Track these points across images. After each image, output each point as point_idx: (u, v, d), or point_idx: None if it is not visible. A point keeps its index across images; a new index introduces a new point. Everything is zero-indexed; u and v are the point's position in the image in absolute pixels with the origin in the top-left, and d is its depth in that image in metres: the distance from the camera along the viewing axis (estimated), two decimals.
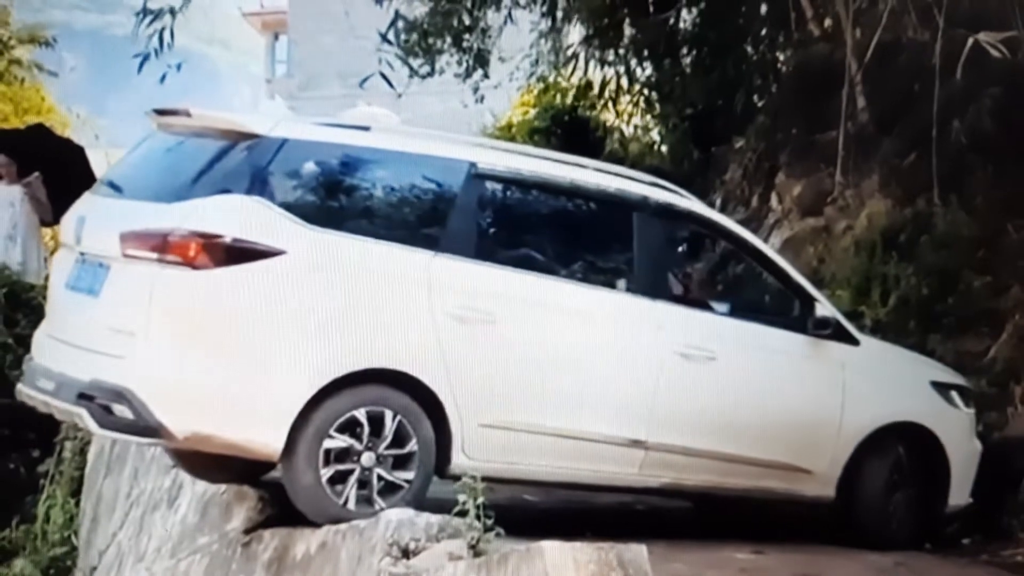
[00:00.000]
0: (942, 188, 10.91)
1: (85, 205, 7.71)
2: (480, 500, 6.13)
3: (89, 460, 10.34)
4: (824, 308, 8.26)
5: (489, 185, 7.60)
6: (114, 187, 7.66)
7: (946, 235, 10.82)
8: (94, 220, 7.46)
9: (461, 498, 6.18)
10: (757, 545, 7.94)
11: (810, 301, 8.25)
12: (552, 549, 5.56)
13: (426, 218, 7.46)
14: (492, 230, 7.72)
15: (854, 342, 8.37)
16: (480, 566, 5.85)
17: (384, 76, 14.39)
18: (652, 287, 7.80)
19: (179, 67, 14.33)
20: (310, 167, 7.32)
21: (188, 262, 6.84)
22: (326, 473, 6.94)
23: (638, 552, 5.68)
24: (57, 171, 14.28)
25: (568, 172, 7.86)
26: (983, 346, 10.21)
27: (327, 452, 6.94)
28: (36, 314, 12.06)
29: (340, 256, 7.08)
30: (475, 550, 6.09)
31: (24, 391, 7.57)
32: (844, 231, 11.73)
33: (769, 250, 8.65)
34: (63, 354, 7.30)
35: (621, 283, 7.82)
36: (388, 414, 7.03)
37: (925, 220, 11.05)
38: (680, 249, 9.00)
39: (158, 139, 7.71)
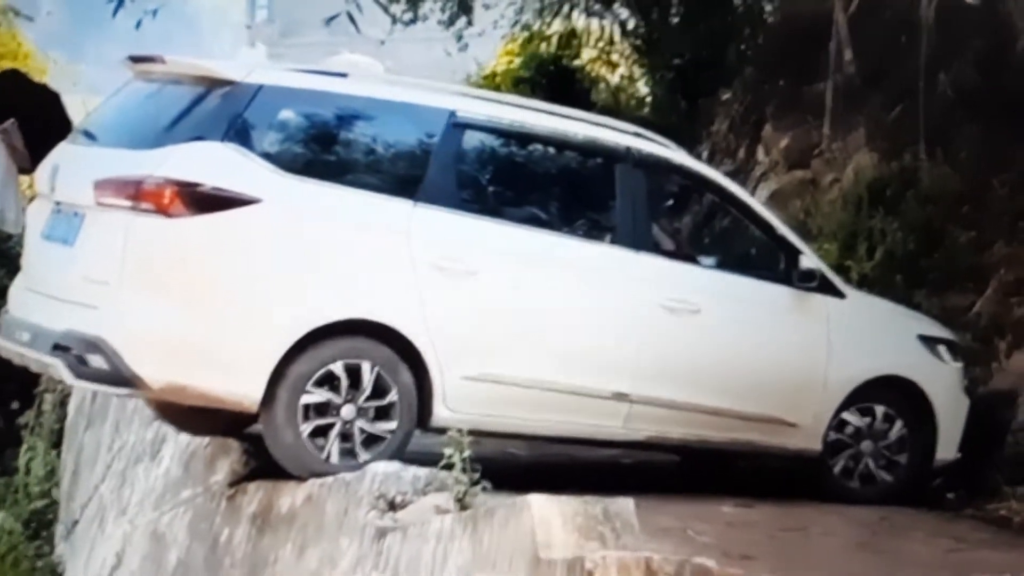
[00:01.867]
0: (928, 142, 10.94)
1: (60, 154, 7.69)
2: (466, 453, 6.18)
3: (70, 412, 10.34)
4: (809, 260, 8.29)
5: (469, 134, 7.59)
6: (89, 135, 7.65)
7: (932, 190, 10.86)
8: (68, 168, 7.44)
9: (447, 451, 6.23)
10: (744, 499, 8.02)
11: (795, 253, 8.28)
12: (539, 502, 5.63)
13: (406, 167, 7.44)
14: (473, 180, 7.72)
15: (840, 295, 8.42)
16: (467, 520, 5.92)
17: (351, 17, 14.20)
18: (635, 239, 7.81)
19: (155, 13, 14.19)
20: (286, 114, 7.30)
21: (162, 210, 6.84)
22: (306, 428, 6.96)
23: (624, 505, 5.76)
24: (33, 118, 14.16)
25: (550, 121, 7.85)
26: (968, 301, 10.28)
27: (306, 407, 6.96)
28: (13, 264, 11.99)
29: (317, 205, 7.08)
30: (461, 503, 6.14)
31: (0, 343, 7.57)
32: (831, 184, 11.76)
33: (754, 201, 8.67)
34: (38, 305, 7.31)
35: (604, 235, 7.84)
36: (366, 365, 7.04)
37: (911, 174, 11.09)
38: (665, 201, 9.01)
39: (135, 87, 7.68)
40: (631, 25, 15.17)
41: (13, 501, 10.15)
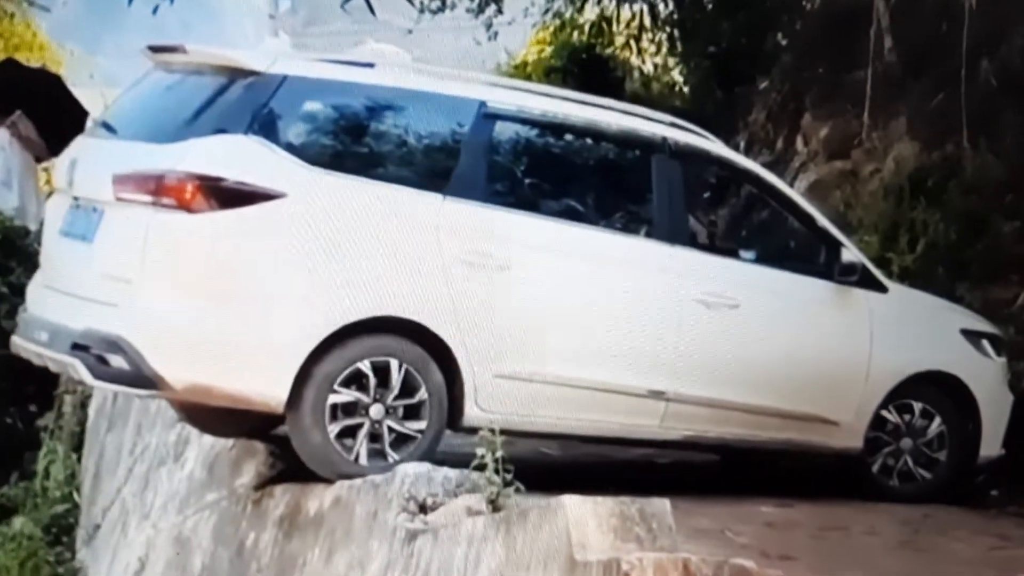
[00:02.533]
0: (971, 131, 10.93)
1: (78, 147, 7.71)
2: (499, 454, 6.20)
3: (90, 414, 10.40)
4: (851, 254, 8.29)
5: (501, 125, 7.60)
6: (108, 128, 7.66)
7: (975, 179, 10.85)
8: (86, 163, 7.46)
9: (479, 452, 6.23)
10: (784, 499, 8.05)
11: (836, 247, 8.28)
12: (573, 503, 5.64)
13: (435, 160, 7.46)
14: (504, 172, 7.73)
15: (882, 289, 8.42)
16: (499, 521, 5.93)
17: (368, 3, 14.19)
18: (671, 232, 7.82)
19: (172, 0, 14.27)
20: (312, 105, 7.31)
21: (184, 205, 6.85)
22: (334, 429, 6.99)
23: (661, 506, 5.77)
24: (39, 105, 14.18)
25: (584, 112, 7.86)
26: (1011, 293, 10.27)
27: (334, 407, 6.98)
28: (32, 261, 12.09)
29: (343, 199, 7.08)
30: (494, 505, 6.15)
31: (18, 343, 7.62)
32: (871, 175, 11.74)
33: (794, 193, 8.66)
34: (57, 303, 7.33)
35: (639, 228, 7.85)
36: (394, 364, 7.06)
37: (953, 164, 11.08)
38: (703, 193, 9.02)
39: (155, 78, 7.69)
40: (664, 12, 15.16)
41: (33, 506, 10.21)
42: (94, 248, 7.14)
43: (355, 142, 7.40)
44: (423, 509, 6.55)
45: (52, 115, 14.08)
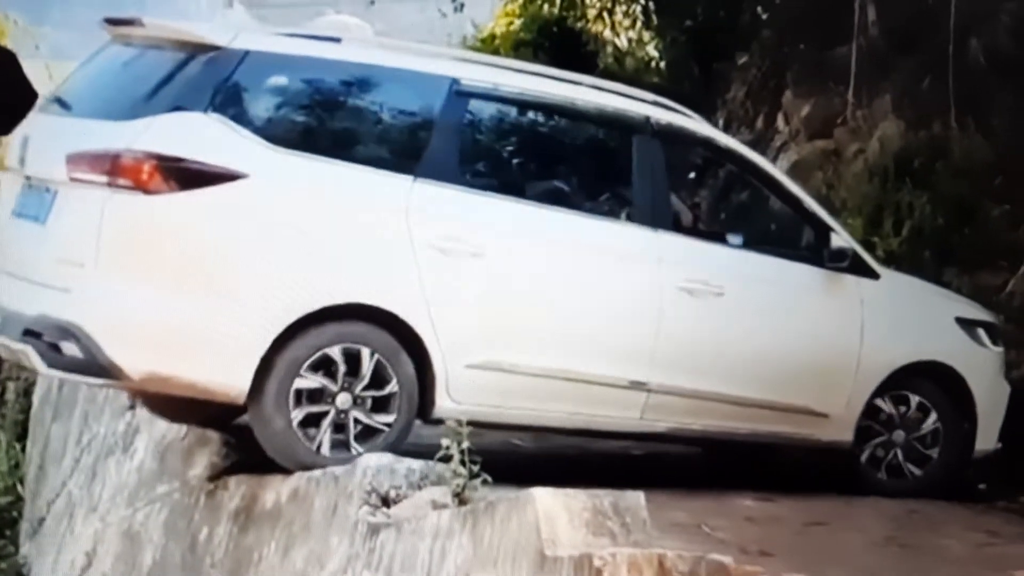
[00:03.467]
0: (959, 111, 10.97)
1: (30, 124, 7.67)
2: (465, 445, 6.19)
3: (34, 403, 10.35)
4: (841, 239, 8.30)
5: (473, 104, 7.57)
6: (62, 104, 7.61)
7: (963, 161, 10.91)
8: (39, 140, 7.41)
9: (445, 443, 6.24)
10: (765, 493, 8.06)
11: (826, 231, 8.29)
12: (543, 496, 5.64)
13: (404, 140, 7.44)
14: (478, 153, 7.71)
15: (874, 275, 8.43)
16: (466, 515, 5.94)
17: None
18: (653, 216, 7.81)
19: None
20: (275, 82, 7.29)
21: (141, 186, 6.83)
22: (297, 415, 6.96)
23: (635, 499, 5.78)
24: None
25: (562, 89, 7.83)
26: (1000, 280, 10.35)
27: (298, 392, 6.97)
28: None
29: (308, 180, 7.06)
30: (460, 498, 6.17)
31: None
32: (855, 155, 11.78)
33: (782, 175, 8.66)
34: (9, 288, 7.29)
35: (620, 212, 7.83)
36: (365, 352, 7.04)
37: (941, 145, 11.13)
38: (686, 175, 9.02)
39: (114, 52, 7.65)
40: None
41: None
42: (47, 230, 7.10)
43: (321, 121, 7.38)
44: (386, 502, 6.55)
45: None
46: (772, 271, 8.14)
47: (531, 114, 7.89)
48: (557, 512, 5.62)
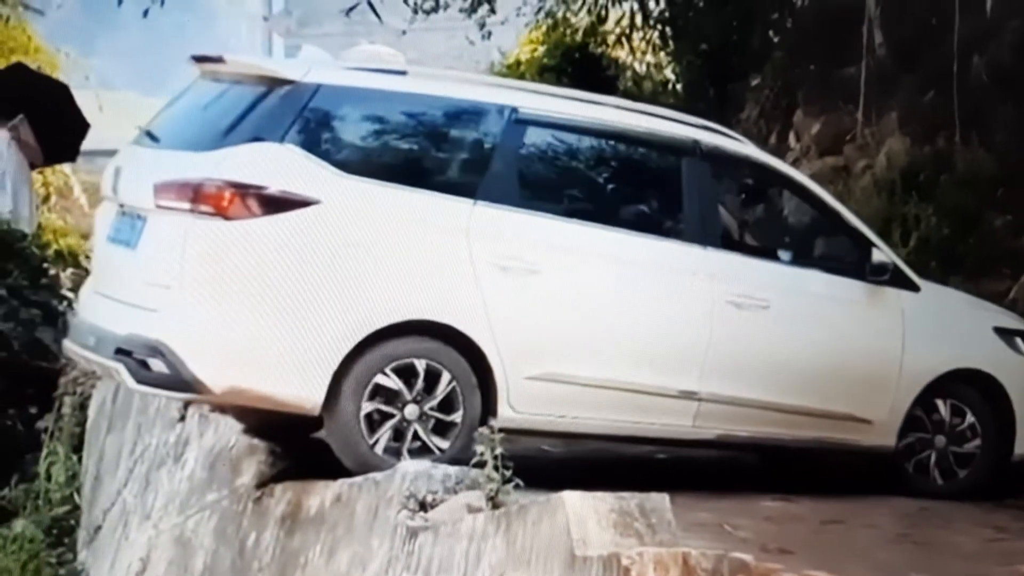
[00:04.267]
0: (962, 126, 10.96)
1: (123, 156, 7.85)
2: (498, 451, 6.21)
3: (90, 415, 10.38)
4: (882, 253, 8.30)
5: (531, 131, 7.64)
6: (152, 137, 7.78)
7: (966, 174, 10.91)
8: (130, 171, 7.60)
9: (479, 449, 6.27)
10: (783, 494, 8.05)
11: (867, 246, 8.29)
12: (573, 499, 5.64)
13: (466, 165, 7.53)
14: (535, 177, 7.78)
15: (914, 288, 8.42)
16: (499, 518, 5.94)
17: (371, 5, 14.24)
18: (702, 234, 7.85)
19: (163, 2, 14.25)
20: (345, 113, 7.41)
21: (221, 212, 6.98)
22: (367, 408, 7.05)
23: (660, 501, 5.78)
24: (42, 111, 14.21)
25: (613, 115, 7.89)
26: (1004, 286, 10.31)
27: (376, 388, 7.07)
28: (28, 264, 12.12)
29: (376, 205, 7.18)
30: (494, 502, 6.16)
31: (68, 347, 7.81)
32: (863, 170, 11.79)
33: (825, 193, 8.62)
34: (104, 308, 7.47)
35: (670, 231, 7.87)
36: (445, 376, 7.15)
37: (945, 159, 11.13)
38: (733, 195, 9.01)
39: (201, 87, 7.81)
40: (656, 10, 15.17)
41: (34, 508, 10.18)
42: (137, 254, 7.26)
43: (387, 149, 7.48)
44: (423, 506, 6.56)
45: (53, 123, 14.10)
46: (816, 285, 8.15)
47: (585, 139, 7.91)
48: (586, 514, 5.62)
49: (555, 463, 8.53)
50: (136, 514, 8.76)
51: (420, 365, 7.12)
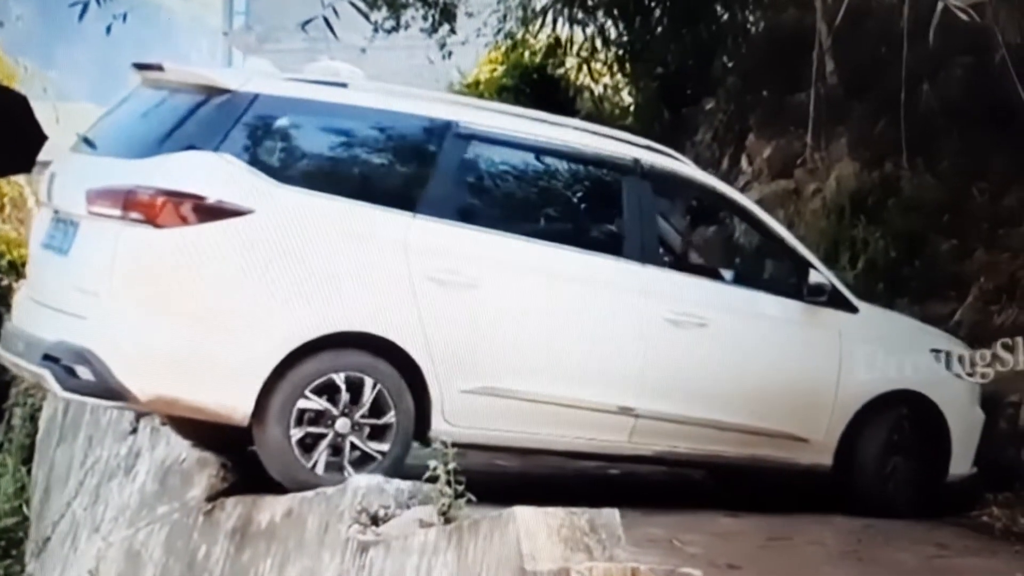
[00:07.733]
0: (910, 152, 11.03)
1: (59, 162, 7.78)
2: (451, 465, 6.18)
3: (40, 427, 10.33)
4: (820, 274, 8.32)
5: (472, 145, 7.60)
6: (89, 143, 7.69)
7: (913, 199, 10.97)
8: (65, 177, 7.53)
9: (431, 463, 6.23)
10: (732, 510, 8.06)
11: (805, 267, 8.31)
12: (524, 514, 5.61)
13: (405, 179, 7.48)
14: (475, 192, 7.75)
15: (852, 309, 8.43)
16: (451, 532, 5.91)
17: (328, 22, 14.19)
18: (641, 252, 7.83)
19: (124, 17, 14.12)
20: (283, 123, 7.34)
21: (151, 220, 6.88)
22: (297, 434, 6.97)
23: (610, 516, 5.76)
24: None
25: (555, 132, 7.87)
26: (949, 309, 10.36)
27: (300, 413, 6.97)
28: None
29: (312, 216, 7.09)
30: (446, 516, 6.13)
31: (2, 354, 7.66)
32: (813, 194, 11.85)
33: (764, 214, 8.66)
34: (35, 315, 7.38)
35: (610, 248, 7.84)
36: (368, 382, 7.06)
37: (893, 184, 11.19)
38: (673, 214, 9.03)
39: (141, 95, 7.73)
40: (614, 34, 15.21)
41: None
42: (69, 260, 7.18)
43: (326, 160, 7.43)
44: (375, 521, 6.52)
45: (10, 134, 13.97)
46: (753, 304, 8.16)
47: (527, 156, 7.89)
48: (537, 529, 5.60)
49: (509, 478, 8.49)
50: (86, 526, 8.70)
51: (339, 379, 7.02)
